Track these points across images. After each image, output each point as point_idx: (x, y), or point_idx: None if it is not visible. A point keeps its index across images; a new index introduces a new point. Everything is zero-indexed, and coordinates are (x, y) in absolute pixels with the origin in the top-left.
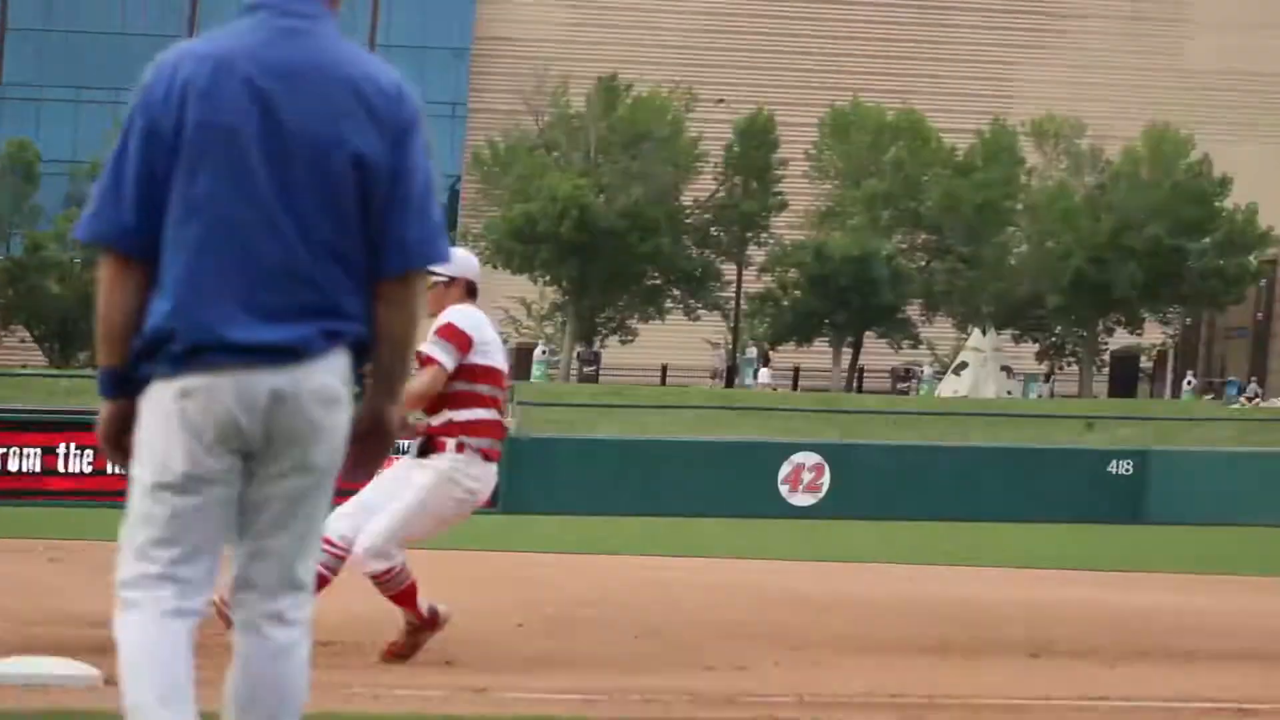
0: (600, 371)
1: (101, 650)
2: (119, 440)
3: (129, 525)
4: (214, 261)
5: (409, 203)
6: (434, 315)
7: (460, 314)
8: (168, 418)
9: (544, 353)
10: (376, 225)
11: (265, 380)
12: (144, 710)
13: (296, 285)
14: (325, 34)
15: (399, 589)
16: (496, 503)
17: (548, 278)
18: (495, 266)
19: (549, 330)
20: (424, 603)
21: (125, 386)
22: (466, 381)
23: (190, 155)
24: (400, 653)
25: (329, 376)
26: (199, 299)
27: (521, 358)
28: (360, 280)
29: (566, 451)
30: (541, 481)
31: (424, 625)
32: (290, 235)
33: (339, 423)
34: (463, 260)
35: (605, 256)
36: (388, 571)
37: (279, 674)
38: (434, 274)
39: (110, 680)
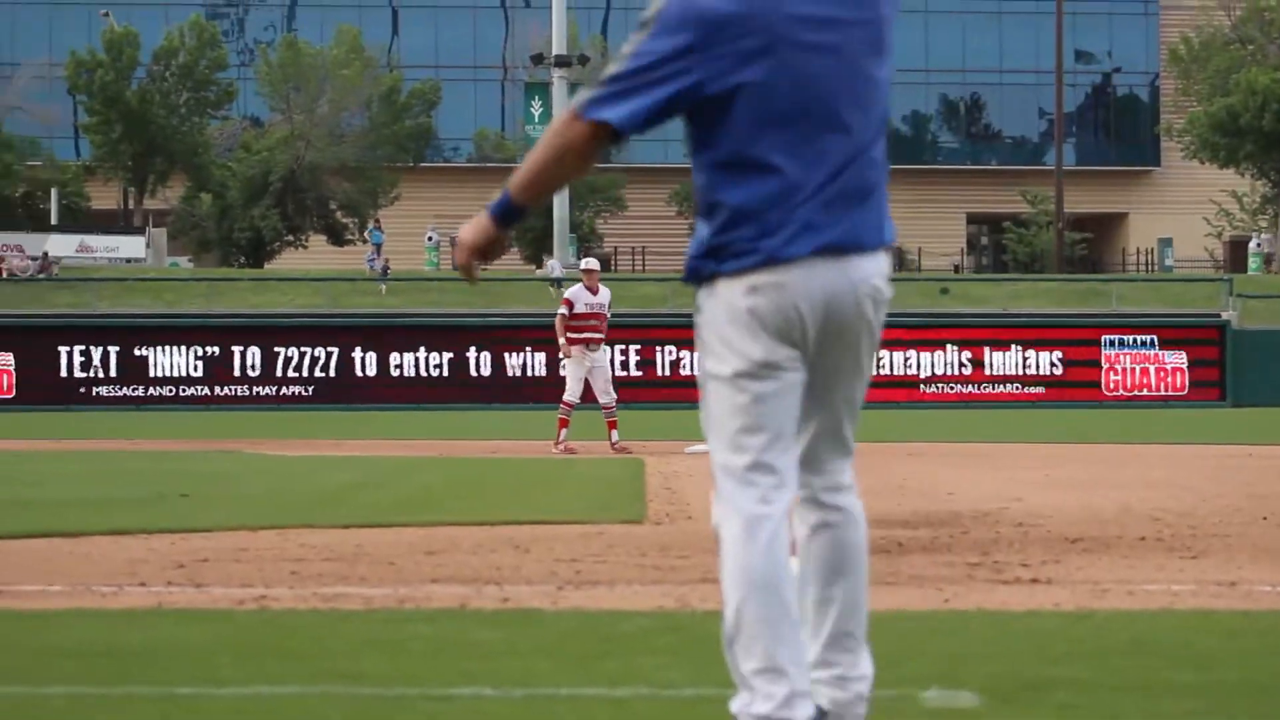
0: None
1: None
2: (475, 258)
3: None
4: (789, 163)
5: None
6: None
7: None
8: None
9: (1258, 245)
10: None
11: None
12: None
13: (862, 189)
14: None
15: None
16: (1225, 395)
17: (1255, 170)
18: (1201, 161)
19: (1262, 223)
20: None
21: (513, 224)
22: None
23: (743, 56)
24: None
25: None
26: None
27: (1236, 250)
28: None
29: None
30: (1265, 373)
31: None
32: (856, 137)
33: (882, 319)
34: None
35: None
36: None
37: (859, 542)
38: None
39: None
